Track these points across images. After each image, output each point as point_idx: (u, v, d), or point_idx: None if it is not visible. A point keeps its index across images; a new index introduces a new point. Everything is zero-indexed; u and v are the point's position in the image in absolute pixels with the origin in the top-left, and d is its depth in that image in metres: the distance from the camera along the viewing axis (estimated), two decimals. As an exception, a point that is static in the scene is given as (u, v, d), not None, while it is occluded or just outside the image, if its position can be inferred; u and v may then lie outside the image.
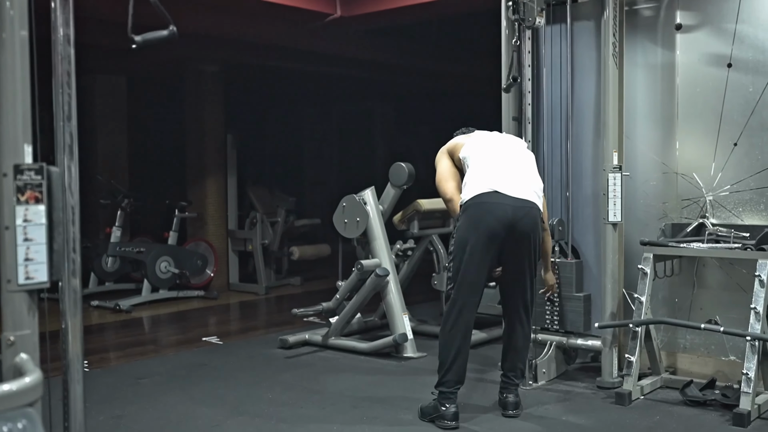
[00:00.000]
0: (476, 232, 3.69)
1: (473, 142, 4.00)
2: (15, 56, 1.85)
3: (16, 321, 1.81)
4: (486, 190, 3.71)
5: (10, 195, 1.79)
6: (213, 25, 6.87)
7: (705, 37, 4.39)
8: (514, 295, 3.90)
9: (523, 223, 3.69)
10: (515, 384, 3.97)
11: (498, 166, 3.82)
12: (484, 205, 3.69)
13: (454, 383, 3.75)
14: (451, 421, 3.72)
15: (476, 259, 3.71)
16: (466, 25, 7.52)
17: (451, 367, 3.74)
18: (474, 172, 3.83)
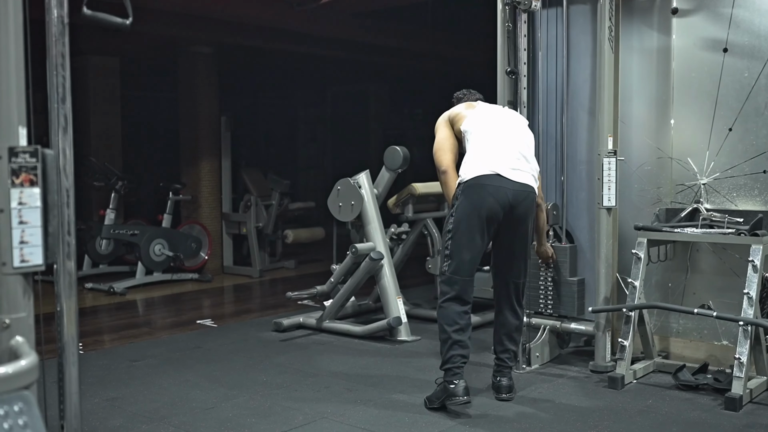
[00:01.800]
0: (476, 213, 3.71)
1: (476, 116, 3.99)
2: (9, 38, 1.83)
3: (12, 304, 1.81)
4: (487, 172, 3.74)
5: (5, 178, 1.78)
6: (207, 7, 6.82)
7: (701, 22, 4.38)
8: (507, 278, 3.93)
9: (522, 207, 3.76)
10: (508, 367, 3.99)
11: (499, 147, 3.82)
12: (486, 188, 3.71)
13: (459, 358, 3.72)
14: (463, 396, 3.68)
15: (474, 239, 3.75)
16: (462, 7, 7.49)
17: (454, 344, 3.72)
18: (475, 151, 3.85)
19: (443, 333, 3.76)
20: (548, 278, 4.58)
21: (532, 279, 4.60)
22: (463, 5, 7.20)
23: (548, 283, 4.59)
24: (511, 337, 3.99)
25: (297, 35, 8.11)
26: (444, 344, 3.76)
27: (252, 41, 8.27)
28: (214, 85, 8.54)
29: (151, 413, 3.82)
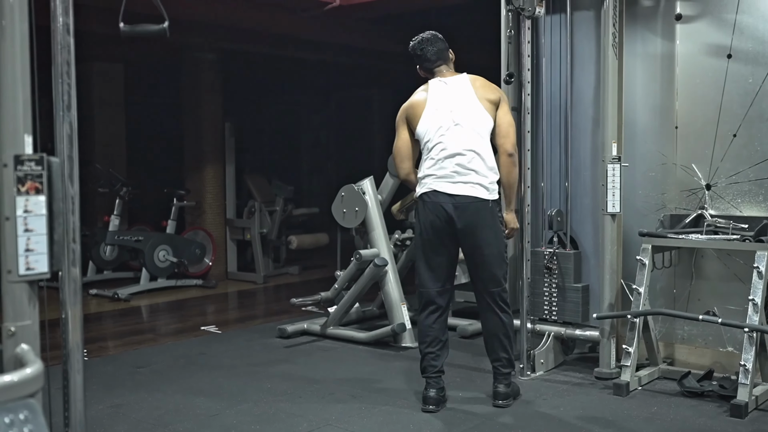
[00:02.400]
0: (424, 229, 3.87)
1: (426, 116, 3.87)
2: (15, 45, 1.83)
3: (17, 311, 1.81)
4: (427, 189, 3.82)
5: (11, 185, 1.78)
6: (211, 13, 6.84)
7: (705, 28, 4.38)
8: (479, 287, 3.94)
9: (463, 218, 3.75)
10: (503, 374, 3.96)
11: (440, 157, 3.79)
12: (427, 205, 3.83)
13: (431, 368, 3.91)
14: (429, 405, 3.86)
15: (429, 255, 3.90)
16: (466, 13, 7.49)
17: (426, 355, 3.93)
18: (422, 164, 3.90)
19: (419, 344, 4.01)
20: (552, 284, 4.58)
21: (537, 285, 4.60)
22: (468, 11, 7.20)
23: (552, 289, 4.58)
24: (500, 343, 3.93)
25: (301, 41, 8.13)
26: (420, 355, 3.98)
27: (256, 47, 8.29)
28: (218, 91, 8.55)
29: (155, 420, 3.82)
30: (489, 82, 3.95)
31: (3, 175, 1.79)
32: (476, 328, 5.52)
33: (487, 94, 3.86)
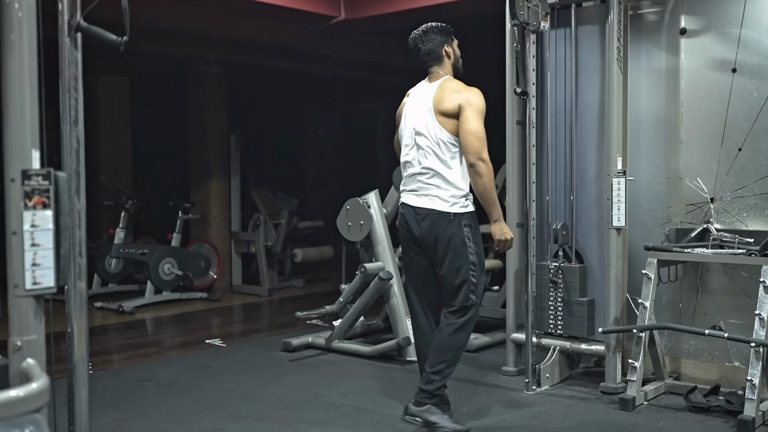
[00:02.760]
0: (400, 240, 3.93)
1: (402, 127, 3.90)
2: (23, 60, 1.84)
3: (23, 326, 1.81)
4: (400, 202, 3.89)
5: (18, 200, 1.79)
6: (216, 27, 6.87)
7: (709, 42, 4.39)
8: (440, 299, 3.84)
9: (421, 231, 3.72)
10: (420, 390, 3.70)
11: (408, 174, 3.81)
12: (399, 216, 3.90)
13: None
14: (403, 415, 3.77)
15: (406, 262, 3.94)
16: (470, 28, 7.51)
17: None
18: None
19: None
20: (558, 298, 4.57)
21: (542, 299, 4.59)
22: (474, 26, 7.23)
23: (558, 303, 4.57)
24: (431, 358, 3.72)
25: (307, 55, 8.16)
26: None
27: (262, 60, 8.32)
28: (224, 104, 8.58)
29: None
30: (455, 88, 3.69)
31: (10, 190, 1.79)
32: (481, 342, 5.51)
33: (443, 105, 3.63)
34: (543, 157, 4.70)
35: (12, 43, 1.83)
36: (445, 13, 6.40)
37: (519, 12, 4.22)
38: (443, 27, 3.89)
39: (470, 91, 3.67)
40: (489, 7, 5.39)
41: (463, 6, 5.95)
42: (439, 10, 6.10)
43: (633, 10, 4.57)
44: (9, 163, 1.81)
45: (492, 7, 5.17)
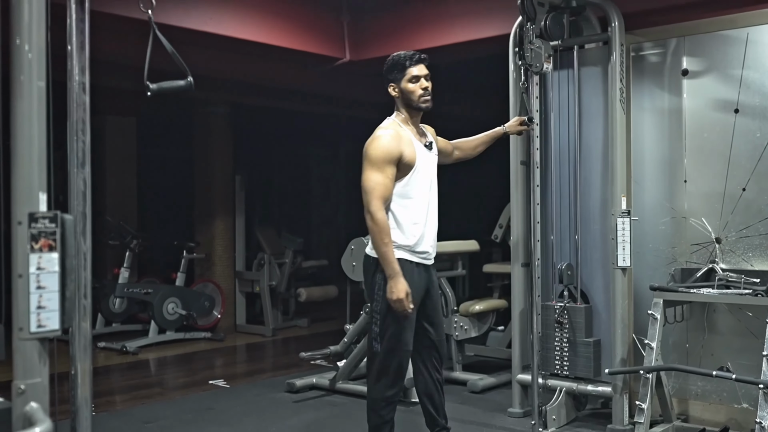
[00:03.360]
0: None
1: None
2: (32, 102, 1.85)
3: (27, 369, 1.80)
4: None
5: (25, 243, 1.79)
6: (223, 68, 6.94)
7: (712, 83, 4.42)
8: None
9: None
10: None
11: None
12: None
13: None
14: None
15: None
16: (473, 69, 7.58)
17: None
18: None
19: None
20: (564, 339, 4.54)
21: (548, 340, 4.56)
22: (476, 67, 7.30)
23: (564, 343, 4.54)
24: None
25: (312, 95, 8.23)
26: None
27: (267, 101, 8.40)
28: (229, 144, 8.64)
29: (162, 477, 3.77)
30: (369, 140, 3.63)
31: (17, 233, 1.80)
32: (486, 383, 5.47)
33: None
34: (547, 197, 4.71)
35: (21, 85, 1.85)
36: (449, 55, 6.47)
37: (525, 54, 4.27)
38: (385, 66, 3.67)
39: (370, 139, 3.58)
40: (492, 49, 5.45)
41: (466, 48, 6.01)
42: (442, 51, 6.15)
43: (635, 51, 4.62)
44: (16, 205, 1.82)
45: (494, 49, 5.23)
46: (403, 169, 3.49)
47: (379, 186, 3.43)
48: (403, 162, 3.47)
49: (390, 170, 3.45)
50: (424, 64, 3.62)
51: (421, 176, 3.54)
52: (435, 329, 3.69)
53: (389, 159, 3.45)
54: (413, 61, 3.58)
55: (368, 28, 6.50)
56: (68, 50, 2.22)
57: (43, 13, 1.88)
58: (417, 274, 3.55)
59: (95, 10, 2.26)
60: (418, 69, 3.58)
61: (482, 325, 6.00)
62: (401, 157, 3.46)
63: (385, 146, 3.46)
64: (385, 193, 3.44)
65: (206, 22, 5.52)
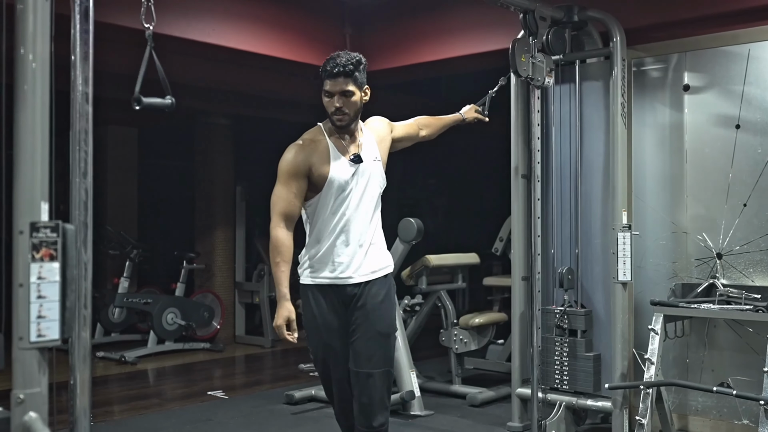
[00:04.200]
0: None
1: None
2: (35, 112, 1.86)
3: (26, 379, 1.80)
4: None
5: (26, 252, 1.79)
6: (224, 79, 6.96)
7: (713, 99, 4.43)
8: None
9: None
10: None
11: None
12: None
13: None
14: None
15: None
16: (476, 81, 7.60)
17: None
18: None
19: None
20: (564, 353, 4.53)
21: (548, 354, 4.55)
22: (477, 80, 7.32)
23: (564, 358, 4.53)
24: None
25: (314, 107, 8.22)
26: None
27: (268, 113, 8.41)
28: (230, 155, 8.65)
29: (159, 488, 3.75)
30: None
31: (18, 242, 1.80)
32: (486, 396, 5.45)
33: None
34: (548, 211, 4.71)
35: (25, 94, 1.85)
36: (454, 68, 6.50)
37: (522, 68, 4.29)
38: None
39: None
40: (494, 63, 5.46)
41: (469, 61, 6.02)
42: (447, 64, 6.18)
43: (637, 66, 4.63)
44: (18, 214, 1.82)
45: (497, 63, 5.24)
46: (315, 183, 3.17)
47: (281, 201, 3.14)
48: (314, 176, 3.16)
49: (295, 185, 3.15)
50: (341, 78, 3.19)
51: (336, 192, 3.16)
52: (356, 360, 3.11)
53: (294, 173, 3.16)
54: (327, 74, 3.21)
55: (370, 41, 6.51)
56: (72, 60, 2.23)
57: (47, 23, 1.89)
58: (323, 298, 3.15)
59: (99, 21, 2.27)
60: (332, 84, 3.20)
61: (482, 339, 5.99)
62: (310, 171, 3.16)
63: (290, 159, 3.20)
64: (287, 208, 3.13)
65: (209, 34, 5.54)
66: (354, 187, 3.20)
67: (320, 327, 3.13)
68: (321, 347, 3.16)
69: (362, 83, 3.28)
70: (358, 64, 3.24)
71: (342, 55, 3.24)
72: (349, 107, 3.22)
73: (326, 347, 3.15)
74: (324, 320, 3.13)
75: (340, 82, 3.20)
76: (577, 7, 4.51)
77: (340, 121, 3.25)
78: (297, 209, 3.17)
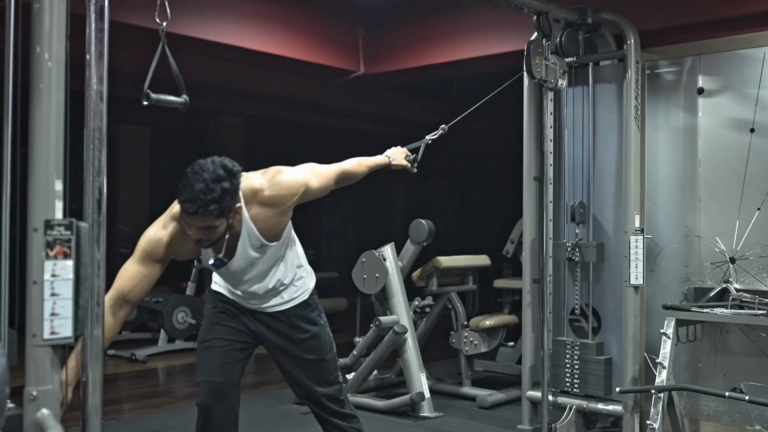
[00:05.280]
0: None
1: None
2: (51, 111, 1.87)
3: (39, 376, 1.81)
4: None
5: (40, 250, 1.80)
6: (237, 79, 6.98)
7: (727, 102, 4.41)
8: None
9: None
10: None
11: None
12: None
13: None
14: None
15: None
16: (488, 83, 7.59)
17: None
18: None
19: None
20: (575, 356, 4.51)
21: (559, 357, 4.53)
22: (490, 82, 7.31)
23: (574, 361, 4.51)
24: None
25: (324, 108, 8.26)
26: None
27: (280, 113, 8.43)
28: (242, 155, 8.67)
29: (169, 487, 3.76)
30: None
31: (32, 240, 1.81)
32: (496, 399, 5.44)
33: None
34: (560, 214, 4.69)
35: (41, 93, 1.86)
36: (466, 70, 6.49)
37: (536, 70, 4.28)
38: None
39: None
40: (507, 65, 5.45)
41: (481, 63, 6.01)
42: (459, 66, 6.17)
43: (650, 69, 4.61)
44: (32, 212, 1.83)
45: (509, 65, 5.22)
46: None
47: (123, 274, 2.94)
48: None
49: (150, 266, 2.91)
50: (199, 217, 2.69)
51: (213, 271, 3.07)
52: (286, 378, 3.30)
53: (151, 257, 2.92)
54: (183, 206, 2.72)
55: (383, 42, 6.52)
56: (87, 59, 2.23)
57: (63, 22, 1.90)
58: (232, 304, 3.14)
59: (113, 20, 2.27)
60: (189, 219, 2.74)
61: (492, 341, 5.98)
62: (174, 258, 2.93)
63: (151, 246, 2.93)
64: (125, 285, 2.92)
65: (222, 34, 5.55)
66: (228, 275, 3.01)
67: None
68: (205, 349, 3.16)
69: (230, 208, 2.73)
70: (222, 195, 2.67)
71: (200, 178, 2.71)
72: (210, 238, 2.77)
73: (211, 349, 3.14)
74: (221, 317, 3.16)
75: (198, 219, 2.69)
76: (591, 10, 4.49)
77: (199, 246, 2.85)
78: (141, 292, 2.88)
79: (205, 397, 3.01)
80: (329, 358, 3.21)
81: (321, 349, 3.20)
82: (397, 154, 3.78)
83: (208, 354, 3.07)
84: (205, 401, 3.01)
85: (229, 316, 3.11)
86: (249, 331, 3.14)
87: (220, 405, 3.02)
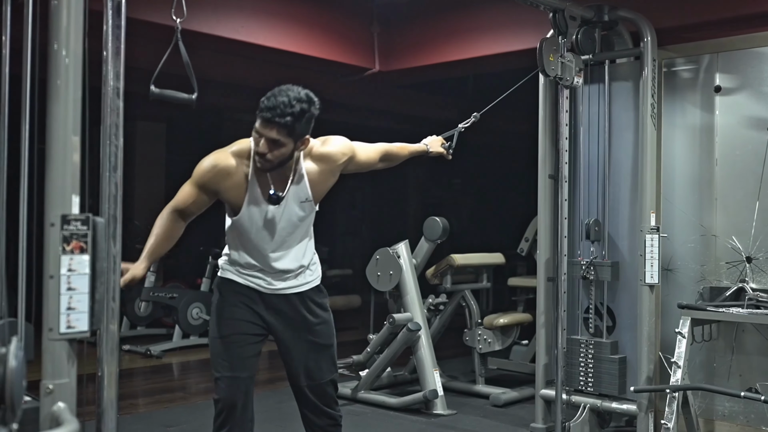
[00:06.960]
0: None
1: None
2: (68, 106, 1.88)
3: (56, 369, 1.82)
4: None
5: (57, 244, 1.81)
6: (252, 76, 6.99)
7: (744, 100, 4.38)
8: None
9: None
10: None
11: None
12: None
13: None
14: None
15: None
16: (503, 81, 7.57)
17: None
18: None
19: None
20: (589, 355, 4.49)
21: (573, 356, 4.52)
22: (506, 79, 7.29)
23: (589, 360, 4.50)
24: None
25: (340, 105, 8.25)
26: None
27: (295, 110, 8.43)
28: (257, 152, 8.68)
29: (183, 481, 3.78)
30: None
31: (49, 234, 1.82)
32: (509, 397, 5.43)
33: None
34: (575, 212, 4.68)
35: (58, 89, 1.88)
36: (481, 67, 6.48)
37: (549, 68, 4.26)
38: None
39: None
40: (523, 62, 5.44)
41: (497, 60, 6.00)
42: (475, 63, 6.16)
43: (667, 67, 4.58)
44: (49, 207, 1.84)
45: (527, 62, 5.21)
46: (229, 207, 3.11)
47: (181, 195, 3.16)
48: (226, 202, 3.10)
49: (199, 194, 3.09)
50: (274, 126, 2.84)
51: (246, 226, 3.05)
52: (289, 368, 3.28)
53: (200, 184, 3.06)
54: (260, 115, 2.89)
55: (398, 39, 6.51)
56: (104, 56, 2.25)
57: (80, 19, 1.91)
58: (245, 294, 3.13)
59: (130, 17, 2.29)
60: (262, 126, 2.87)
61: (506, 339, 5.97)
62: (218, 195, 3.06)
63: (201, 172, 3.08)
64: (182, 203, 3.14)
65: (237, 31, 5.57)
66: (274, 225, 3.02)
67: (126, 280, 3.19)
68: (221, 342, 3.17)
69: (300, 134, 2.88)
70: (300, 115, 2.83)
71: (285, 93, 2.86)
72: (274, 156, 2.86)
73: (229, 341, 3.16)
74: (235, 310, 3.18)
75: (271, 128, 2.82)
76: (607, 7, 4.47)
77: (261, 165, 2.91)
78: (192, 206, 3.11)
79: (230, 393, 3.02)
80: (335, 345, 3.32)
81: (330, 335, 3.27)
82: (434, 143, 3.87)
83: (230, 350, 3.07)
84: (230, 397, 3.02)
85: (243, 308, 3.11)
86: (263, 322, 3.15)
87: (243, 400, 3.06)
